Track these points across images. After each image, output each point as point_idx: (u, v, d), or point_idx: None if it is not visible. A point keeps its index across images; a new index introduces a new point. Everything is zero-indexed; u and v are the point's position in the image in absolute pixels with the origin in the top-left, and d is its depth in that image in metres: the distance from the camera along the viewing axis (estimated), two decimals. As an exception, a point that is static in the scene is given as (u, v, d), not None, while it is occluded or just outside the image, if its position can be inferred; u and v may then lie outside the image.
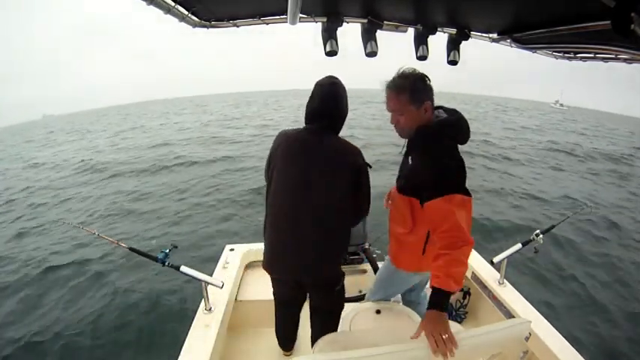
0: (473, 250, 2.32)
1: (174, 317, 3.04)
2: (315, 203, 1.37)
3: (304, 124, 1.47)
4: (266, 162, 1.51)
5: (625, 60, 1.27)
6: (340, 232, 1.46)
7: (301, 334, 1.87)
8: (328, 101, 1.42)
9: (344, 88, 1.45)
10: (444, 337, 0.98)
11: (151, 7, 1.10)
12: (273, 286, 1.65)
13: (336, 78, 1.46)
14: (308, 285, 1.55)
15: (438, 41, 1.73)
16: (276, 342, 1.88)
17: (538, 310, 1.80)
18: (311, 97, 1.44)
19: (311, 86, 1.48)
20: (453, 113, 1.31)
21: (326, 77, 1.46)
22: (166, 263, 1.69)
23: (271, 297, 1.68)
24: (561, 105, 66.76)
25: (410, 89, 1.23)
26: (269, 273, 1.54)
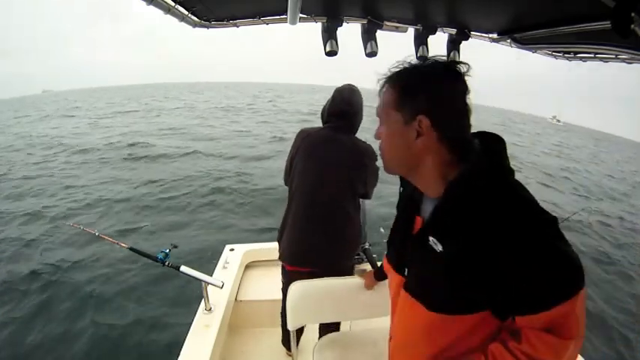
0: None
1: (174, 317, 3.04)
2: (333, 197, 1.51)
3: (323, 124, 1.63)
4: (287, 162, 1.63)
5: (625, 60, 1.27)
6: (357, 219, 1.59)
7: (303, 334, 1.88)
8: (347, 104, 1.58)
9: (360, 93, 1.62)
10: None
11: (151, 6, 1.10)
12: (286, 282, 1.62)
13: (354, 85, 1.63)
14: (329, 273, 1.58)
15: (438, 41, 1.73)
16: (276, 342, 1.88)
17: None
18: (334, 100, 1.60)
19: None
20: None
21: (345, 84, 1.64)
22: (166, 263, 1.69)
23: (272, 297, 1.68)
24: (558, 121, 69.74)
25: (403, 84, 0.66)
26: (289, 265, 1.59)
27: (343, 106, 1.58)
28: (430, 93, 0.64)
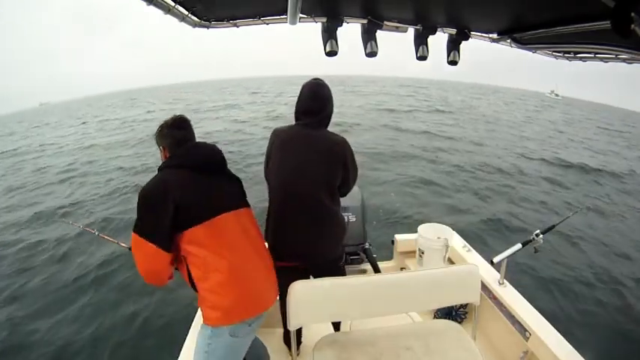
0: (472, 250, 2.36)
1: (174, 317, 3.04)
2: (312, 190, 1.51)
3: (295, 121, 1.60)
4: (264, 160, 1.64)
5: (625, 60, 1.27)
6: (337, 212, 1.60)
7: (304, 334, 1.88)
8: (316, 100, 1.56)
9: (329, 87, 1.60)
10: None
11: (151, 7, 1.10)
12: (279, 278, 1.60)
13: (321, 79, 1.61)
14: (315, 267, 1.61)
15: (439, 41, 1.74)
16: (277, 342, 1.88)
17: (538, 310, 1.80)
18: (300, 97, 1.58)
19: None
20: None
21: (312, 79, 1.61)
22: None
23: None
24: (556, 95, 68.23)
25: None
26: (279, 261, 1.55)
27: (310, 103, 1.56)
28: (159, 135, 1.32)
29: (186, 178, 1.21)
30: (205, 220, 1.17)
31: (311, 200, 1.51)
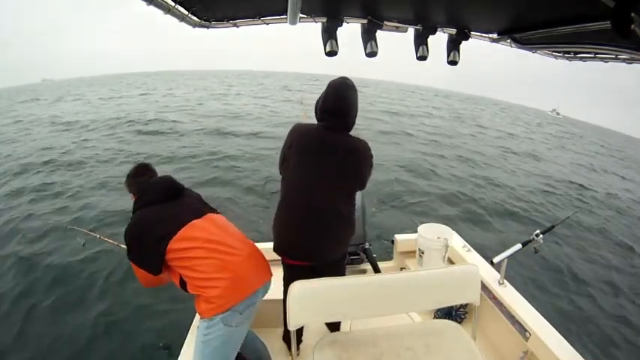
0: (472, 250, 2.36)
1: (174, 317, 3.04)
2: (327, 193, 1.49)
3: (317, 121, 1.57)
4: (280, 155, 1.61)
5: (625, 60, 1.27)
6: (350, 215, 1.58)
7: (304, 334, 1.88)
8: (341, 101, 1.50)
9: (355, 88, 1.53)
10: None
11: (151, 7, 1.10)
12: (286, 277, 1.63)
13: (349, 79, 1.54)
14: (320, 266, 1.59)
15: (438, 41, 1.73)
16: (277, 341, 1.88)
17: (538, 310, 1.80)
18: (325, 96, 1.52)
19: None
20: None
21: (339, 78, 1.54)
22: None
23: (273, 297, 1.67)
24: (557, 114, 69.32)
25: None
26: (290, 259, 1.58)
27: (338, 104, 1.50)
28: (126, 185, 1.53)
29: (155, 211, 1.39)
30: (177, 232, 1.32)
31: (326, 206, 1.49)
